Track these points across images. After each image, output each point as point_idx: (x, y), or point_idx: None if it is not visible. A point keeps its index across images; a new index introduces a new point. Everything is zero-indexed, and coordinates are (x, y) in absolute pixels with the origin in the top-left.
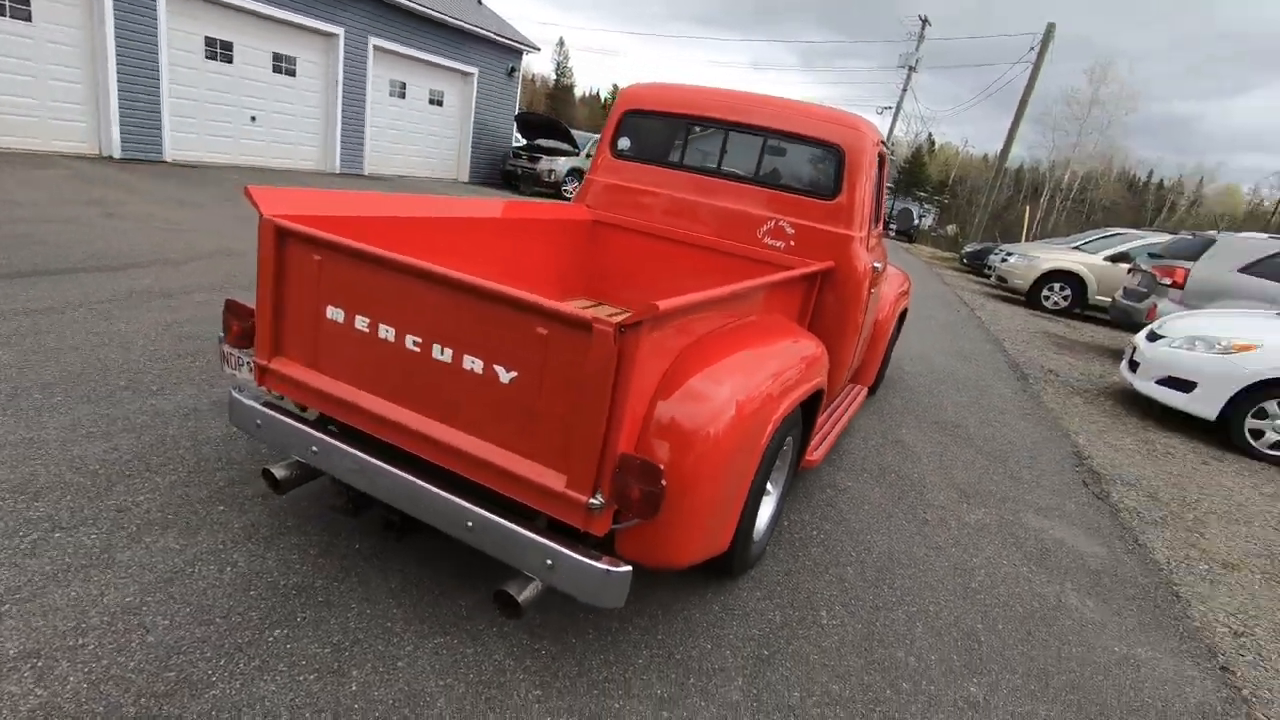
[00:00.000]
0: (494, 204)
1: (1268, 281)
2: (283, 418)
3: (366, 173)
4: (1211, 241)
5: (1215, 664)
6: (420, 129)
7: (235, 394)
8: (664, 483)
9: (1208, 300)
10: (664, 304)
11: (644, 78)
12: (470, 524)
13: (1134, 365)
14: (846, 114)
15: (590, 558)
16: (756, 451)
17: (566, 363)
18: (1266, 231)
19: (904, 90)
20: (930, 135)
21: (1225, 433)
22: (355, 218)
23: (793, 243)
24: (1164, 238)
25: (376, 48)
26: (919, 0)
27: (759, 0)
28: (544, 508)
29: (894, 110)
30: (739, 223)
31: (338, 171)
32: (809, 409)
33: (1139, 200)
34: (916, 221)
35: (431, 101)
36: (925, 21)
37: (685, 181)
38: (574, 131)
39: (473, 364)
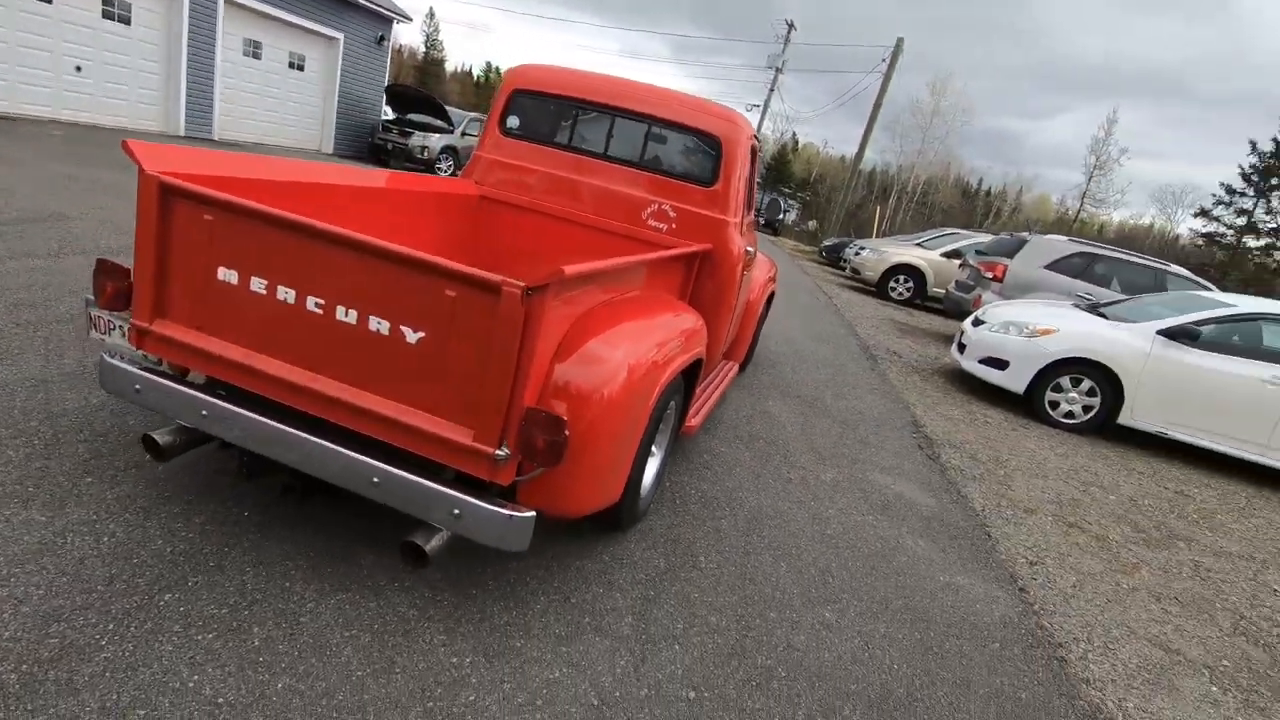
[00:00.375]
0: (382, 174)
1: (1065, 277)
2: (166, 381)
3: (216, 137)
4: (1024, 242)
5: (1015, 587)
6: (279, 94)
7: (108, 358)
8: (567, 433)
9: (1021, 292)
10: (569, 269)
11: (517, 57)
12: (376, 480)
13: (962, 347)
14: (725, 108)
15: (496, 505)
16: (645, 411)
17: (474, 323)
18: (1068, 235)
19: (771, 90)
20: (794, 134)
21: (1030, 404)
22: (240, 179)
23: (674, 225)
24: (988, 238)
25: (228, 1)
26: (787, 4)
27: None
28: (450, 461)
29: (762, 108)
30: (624, 204)
31: (182, 134)
32: (690, 378)
33: (971, 204)
34: (784, 213)
35: (292, 65)
36: (791, 26)
37: (573, 162)
38: (449, 109)
39: (379, 325)
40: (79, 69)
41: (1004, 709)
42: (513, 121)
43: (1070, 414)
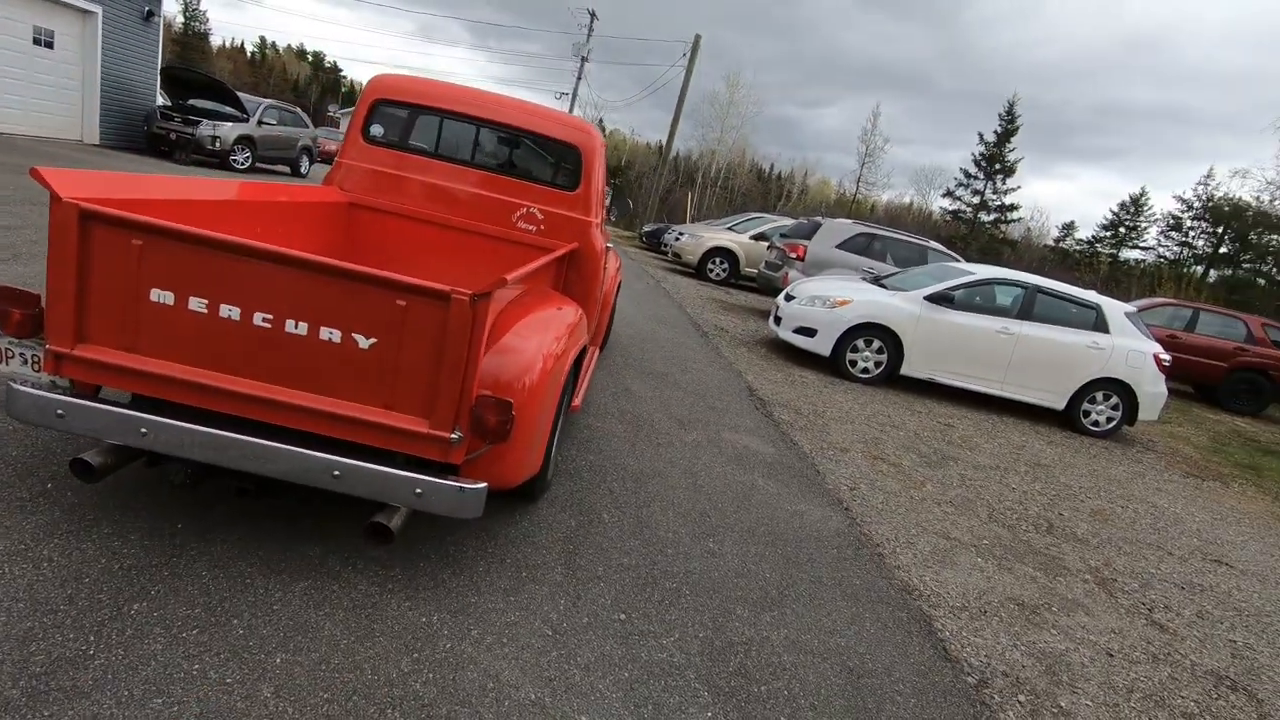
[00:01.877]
0: (243, 185)
1: (852, 254)
2: (96, 404)
3: None
4: (819, 225)
5: (842, 508)
6: (21, 75)
7: (18, 386)
8: (514, 414)
9: (819, 269)
10: (511, 276)
11: (297, 33)
12: (337, 473)
13: (778, 320)
14: (581, 120)
15: (453, 480)
16: (557, 391)
17: (424, 327)
18: (849, 216)
19: (579, 78)
20: (602, 122)
21: (834, 364)
22: (138, 200)
23: (542, 227)
24: (789, 221)
25: None
26: None
27: None
28: (407, 449)
29: (571, 97)
30: (494, 209)
31: None
32: (576, 363)
33: (766, 188)
34: (631, 211)
35: (37, 42)
36: (593, 15)
37: (441, 169)
38: (241, 96)
39: (330, 334)
40: None
41: (846, 592)
42: (376, 130)
43: (866, 370)
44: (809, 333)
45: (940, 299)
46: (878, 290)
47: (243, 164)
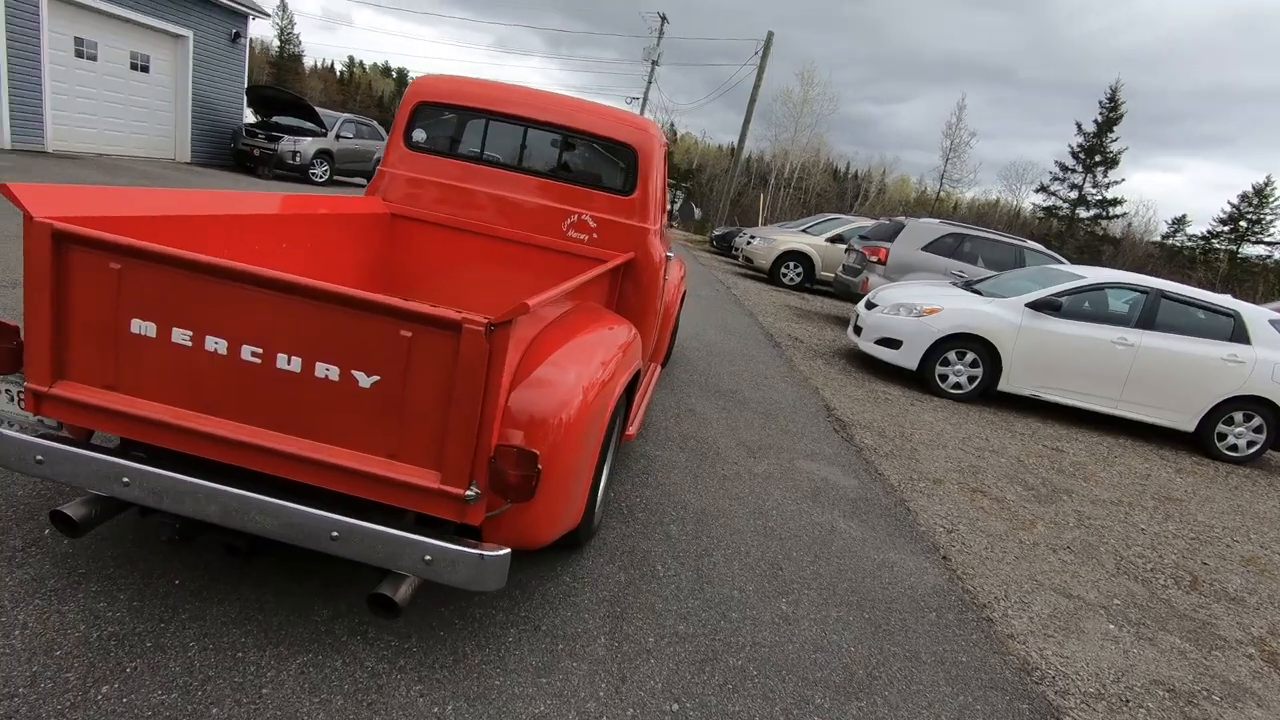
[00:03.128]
0: (282, 198)
1: (940, 256)
2: (77, 449)
3: (50, 149)
4: (902, 226)
5: (938, 556)
6: (122, 99)
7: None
8: (540, 467)
9: (902, 272)
10: (532, 302)
11: (383, 53)
12: (336, 534)
13: (858, 329)
14: (637, 116)
15: (469, 546)
16: (600, 431)
17: (434, 363)
18: (928, 215)
19: (649, 82)
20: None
21: (921, 379)
22: (139, 217)
23: (595, 235)
24: (868, 222)
25: None
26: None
27: None
28: (417, 506)
29: (641, 101)
30: (543, 216)
31: (8, 146)
32: (629, 389)
33: (841, 188)
34: (696, 215)
35: (135, 67)
36: (664, 19)
37: (486, 175)
38: (320, 110)
39: (327, 371)
40: None
41: (950, 674)
42: (419, 135)
43: (957, 385)
44: (893, 344)
45: (1045, 306)
46: (971, 297)
47: (321, 177)
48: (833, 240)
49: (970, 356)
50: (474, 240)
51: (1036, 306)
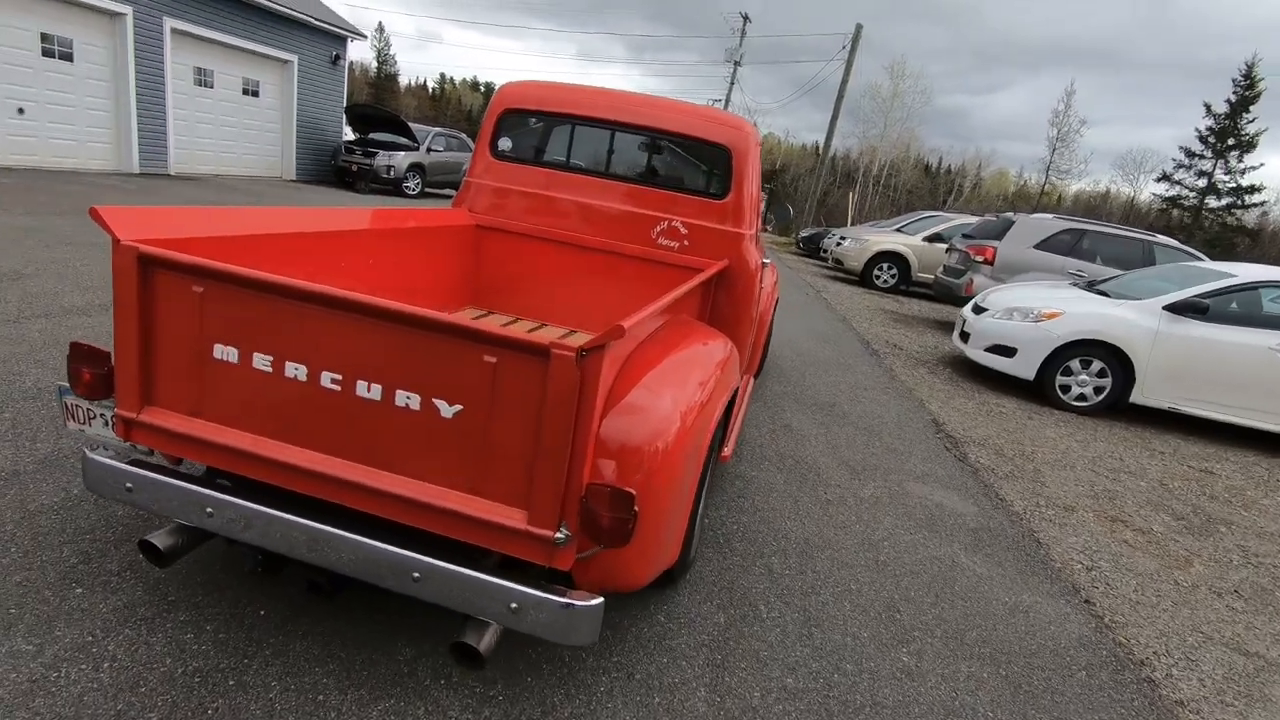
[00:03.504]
0: (369, 213)
1: (1055, 255)
2: (164, 478)
3: (173, 171)
4: (1011, 223)
5: (1080, 599)
6: (234, 123)
7: (90, 454)
8: (637, 509)
9: (1012, 273)
10: (628, 323)
11: (473, 68)
12: (418, 575)
13: (965, 336)
14: (731, 115)
15: (556, 594)
16: (699, 459)
17: (520, 392)
18: (1039, 210)
19: (732, 83)
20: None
21: (1040, 389)
22: (224, 237)
23: (686, 242)
24: (971, 219)
25: (175, 30)
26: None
27: None
28: (501, 547)
29: (724, 103)
30: (632, 224)
31: (137, 171)
32: (726, 408)
33: (933, 184)
34: (792, 219)
35: (246, 92)
36: (746, 19)
37: (572, 182)
38: (412, 125)
39: (408, 400)
40: (21, 111)
41: None
42: (504, 143)
43: (1082, 396)
44: (1007, 351)
45: (1187, 308)
46: (1096, 299)
47: (414, 189)
48: (930, 239)
49: (1097, 365)
50: (561, 251)
51: (1177, 309)
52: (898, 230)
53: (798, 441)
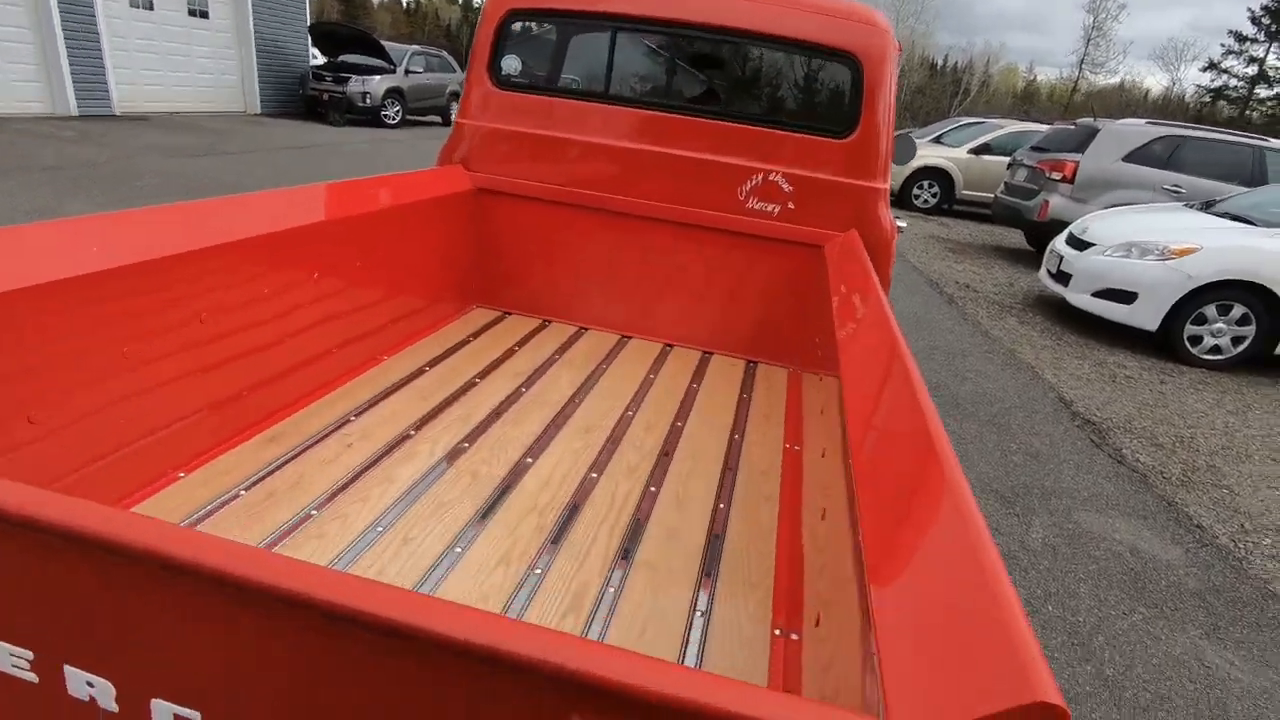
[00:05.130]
0: (322, 191)
1: (1148, 168)
2: None
3: (118, 111)
4: (1095, 131)
5: None
6: (183, 49)
7: None
8: None
9: (1098, 193)
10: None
11: None
12: None
13: (1062, 277)
14: (857, 5)
15: None
16: None
17: None
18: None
19: None
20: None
21: (1165, 342)
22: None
23: (791, 205)
24: (1023, 126)
25: None
26: None
27: None
28: None
29: None
30: (706, 179)
31: (75, 113)
32: None
33: (940, 83)
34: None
35: (192, 12)
36: None
37: (615, 120)
38: (386, 44)
39: None
40: None
41: None
42: (510, 64)
43: (1216, 349)
44: (1124, 297)
45: None
46: (1239, 228)
47: (394, 119)
48: (976, 151)
49: (1238, 310)
50: (599, 222)
51: None
52: (935, 141)
53: None
